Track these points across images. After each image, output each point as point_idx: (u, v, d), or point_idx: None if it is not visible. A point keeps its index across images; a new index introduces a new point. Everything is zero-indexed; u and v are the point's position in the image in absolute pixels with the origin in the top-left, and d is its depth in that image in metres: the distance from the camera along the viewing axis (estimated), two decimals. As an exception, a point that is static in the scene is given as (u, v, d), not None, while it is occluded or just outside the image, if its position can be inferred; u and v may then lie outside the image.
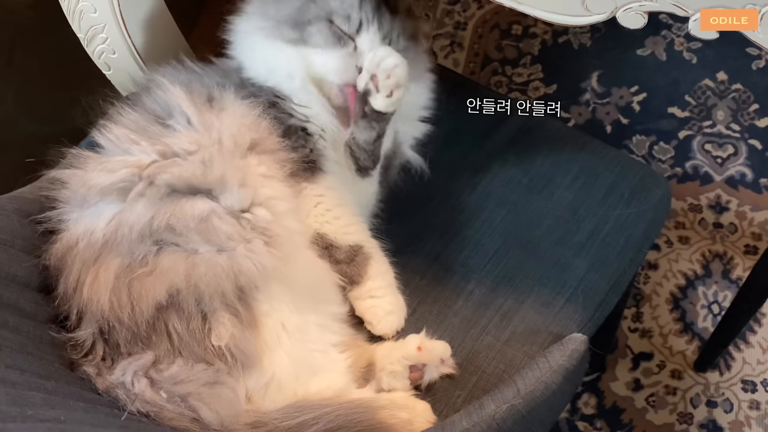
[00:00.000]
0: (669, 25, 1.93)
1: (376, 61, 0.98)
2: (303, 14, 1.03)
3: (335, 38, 1.02)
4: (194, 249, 0.91)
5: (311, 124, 1.05)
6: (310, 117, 1.04)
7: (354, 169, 1.06)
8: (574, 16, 0.92)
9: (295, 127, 1.03)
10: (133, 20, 1.13)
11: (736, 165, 1.76)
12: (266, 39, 1.04)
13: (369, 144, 1.03)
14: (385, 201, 1.10)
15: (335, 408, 0.88)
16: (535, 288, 1.05)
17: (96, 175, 0.95)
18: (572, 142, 1.15)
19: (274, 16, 1.04)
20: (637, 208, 1.09)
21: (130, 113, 1.00)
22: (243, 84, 1.04)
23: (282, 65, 1.05)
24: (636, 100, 1.84)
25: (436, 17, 2.00)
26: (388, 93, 0.99)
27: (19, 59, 1.45)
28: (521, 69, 1.91)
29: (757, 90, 1.84)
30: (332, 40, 1.02)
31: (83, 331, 0.90)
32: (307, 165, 1.03)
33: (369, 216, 1.09)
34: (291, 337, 0.93)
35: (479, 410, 0.88)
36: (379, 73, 0.98)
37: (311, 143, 1.04)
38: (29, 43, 1.45)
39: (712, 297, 1.62)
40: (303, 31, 1.03)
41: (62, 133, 1.01)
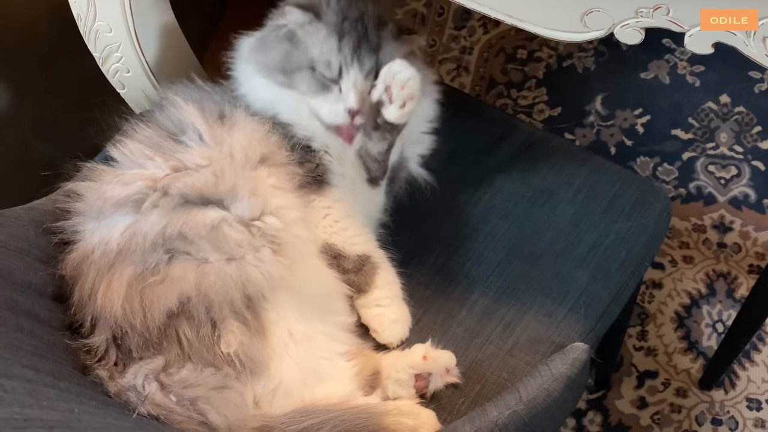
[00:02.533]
0: (672, 49, 1.97)
1: (391, 74, 1.01)
2: (288, 62, 1.04)
3: (319, 85, 1.03)
4: (205, 258, 0.94)
5: (315, 142, 1.07)
6: (312, 137, 1.07)
7: (365, 178, 1.08)
8: (574, 32, 0.94)
9: (299, 145, 1.06)
10: (146, 39, 1.17)
11: (740, 186, 1.78)
12: (263, 78, 1.07)
13: (381, 155, 1.06)
14: (392, 212, 1.13)
15: (340, 413, 0.90)
16: (538, 299, 1.07)
17: (111, 187, 0.98)
18: (574, 157, 1.18)
19: (263, 62, 1.07)
20: (637, 221, 1.11)
21: (145, 129, 1.03)
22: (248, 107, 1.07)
23: (282, 101, 1.07)
24: (640, 123, 1.87)
25: (442, 42, 2.04)
26: (402, 104, 1.02)
27: (36, 82, 1.48)
28: (526, 92, 1.94)
29: (759, 112, 1.87)
30: (317, 87, 1.03)
31: (97, 337, 0.93)
32: (314, 178, 1.05)
33: (376, 226, 1.12)
34: (298, 344, 0.95)
35: (482, 416, 0.90)
36: (393, 85, 1.01)
37: (316, 159, 1.07)
38: (46, 66, 1.48)
39: (716, 316, 1.64)
40: (290, 78, 1.04)
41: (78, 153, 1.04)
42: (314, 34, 1.04)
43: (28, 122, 1.47)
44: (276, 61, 1.05)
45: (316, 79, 1.03)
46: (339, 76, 1.03)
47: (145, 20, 1.16)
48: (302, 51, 1.04)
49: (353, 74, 1.03)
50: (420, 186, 1.13)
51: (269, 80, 1.06)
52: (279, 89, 1.06)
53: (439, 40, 2.04)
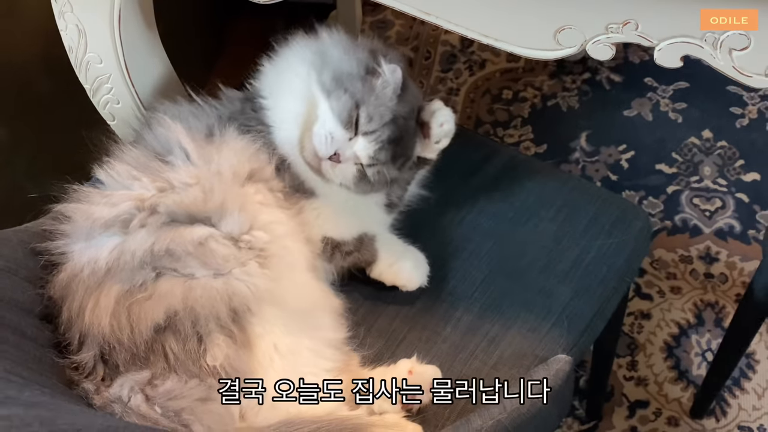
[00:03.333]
0: (654, 87, 2.01)
1: (431, 111, 1.08)
2: (349, 81, 1.05)
3: (347, 119, 1.04)
4: (191, 273, 0.95)
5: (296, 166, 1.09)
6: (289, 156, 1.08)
7: (384, 203, 1.13)
8: (547, 50, 0.97)
9: (282, 160, 1.08)
10: (136, 70, 1.20)
11: (725, 218, 1.80)
12: (307, 72, 1.07)
13: (407, 184, 1.12)
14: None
15: (325, 424, 0.90)
16: (521, 314, 1.08)
17: (99, 208, 1.00)
18: (555, 178, 1.20)
19: (330, 61, 1.07)
20: (618, 238, 1.13)
21: (132, 150, 1.05)
22: (242, 111, 1.09)
23: (297, 96, 1.08)
24: (624, 158, 1.90)
25: (429, 84, 2.08)
26: (438, 140, 1.08)
27: (30, 124, 1.50)
28: (512, 130, 1.98)
29: (741, 146, 1.90)
30: (343, 116, 1.03)
31: (85, 354, 0.94)
32: (301, 188, 1.08)
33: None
34: (283, 358, 0.96)
35: (466, 425, 0.91)
36: (433, 123, 1.07)
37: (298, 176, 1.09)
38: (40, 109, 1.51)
39: (705, 345, 1.64)
40: (335, 90, 1.04)
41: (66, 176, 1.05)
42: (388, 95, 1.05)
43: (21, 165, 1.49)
44: (340, 70, 1.05)
45: (350, 113, 1.03)
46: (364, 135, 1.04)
47: (135, 51, 1.18)
48: (365, 87, 1.04)
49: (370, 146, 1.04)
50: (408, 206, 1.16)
51: (314, 73, 1.06)
52: (313, 88, 1.06)
53: (426, 82, 2.09)
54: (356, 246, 1.10)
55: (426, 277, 1.11)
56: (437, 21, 0.99)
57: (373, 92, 1.05)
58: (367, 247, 1.10)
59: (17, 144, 1.47)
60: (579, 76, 2.07)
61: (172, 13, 1.37)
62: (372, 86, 1.05)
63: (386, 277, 1.11)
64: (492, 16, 0.97)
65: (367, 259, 1.10)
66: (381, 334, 1.09)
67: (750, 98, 1.97)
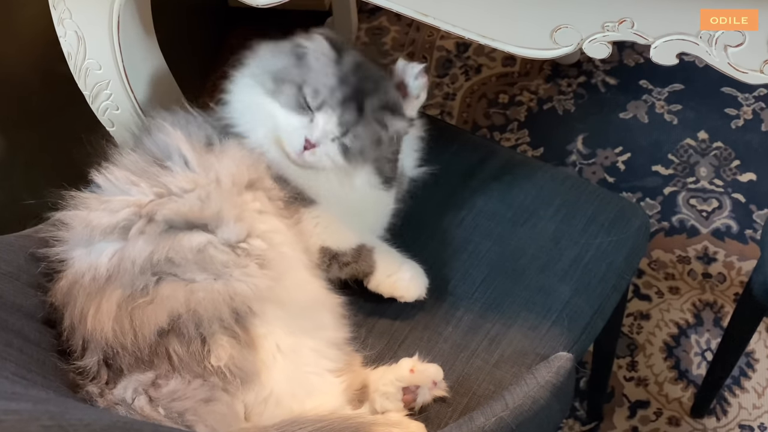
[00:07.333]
0: (649, 89, 2.02)
1: (401, 69, 1.09)
2: (285, 73, 1.07)
3: (297, 105, 1.05)
4: (192, 278, 0.96)
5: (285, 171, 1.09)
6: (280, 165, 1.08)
7: (380, 182, 1.12)
8: (544, 49, 0.98)
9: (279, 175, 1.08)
10: (135, 76, 1.20)
11: (722, 218, 1.81)
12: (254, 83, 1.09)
13: (396, 154, 1.11)
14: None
15: (330, 422, 0.90)
16: (522, 313, 1.08)
17: (98, 215, 1.00)
18: (553, 177, 1.21)
19: (265, 66, 1.10)
20: (617, 236, 1.13)
21: (130, 155, 1.05)
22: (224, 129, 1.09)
23: (256, 113, 1.09)
24: (621, 160, 1.91)
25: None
26: (417, 94, 1.09)
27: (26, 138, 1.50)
28: (509, 134, 1.99)
29: (737, 147, 1.91)
30: (294, 105, 1.05)
31: (89, 359, 0.94)
32: (301, 197, 1.08)
33: (384, 230, 1.16)
34: (286, 358, 0.96)
35: (469, 423, 0.91)
36: (407, 79, 1.08)
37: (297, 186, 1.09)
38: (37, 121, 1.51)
39: (704, 345, 1.65)
40: (278, 87, 1.07)
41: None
42: (322, 64, 1.06)
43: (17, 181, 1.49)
44: (275, 68, 1.08)
45: (298, 99, 1.05)
46: (318, 109, 1.05)
47: (134, 57, 1.19)
48: (301, 69, 1.07)
49: (330, 115, 1.05)
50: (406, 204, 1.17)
51: (258, 85, 1.08)
52: (262, 98, 1.08)
53: (422, 87, 2.10)
54: (354, 257, 1.09)
55: (425, 288, 1.10)
56: (434, 22, 1.00)
57: (309, 70, 1.06)
58: (365, 258, 1.09)
59: (16, 152, 1.47)
60: (574, 80, 2.08)
61: (169, 22, 1.38)
62: (307, 65, 1.07)
63: (384, 288, 1.10)
64: (488, 16, 0.97)
65: (365, 270, 1.09)
66: (383, 334, 1.10)
67: (744, 99, 1.98)
